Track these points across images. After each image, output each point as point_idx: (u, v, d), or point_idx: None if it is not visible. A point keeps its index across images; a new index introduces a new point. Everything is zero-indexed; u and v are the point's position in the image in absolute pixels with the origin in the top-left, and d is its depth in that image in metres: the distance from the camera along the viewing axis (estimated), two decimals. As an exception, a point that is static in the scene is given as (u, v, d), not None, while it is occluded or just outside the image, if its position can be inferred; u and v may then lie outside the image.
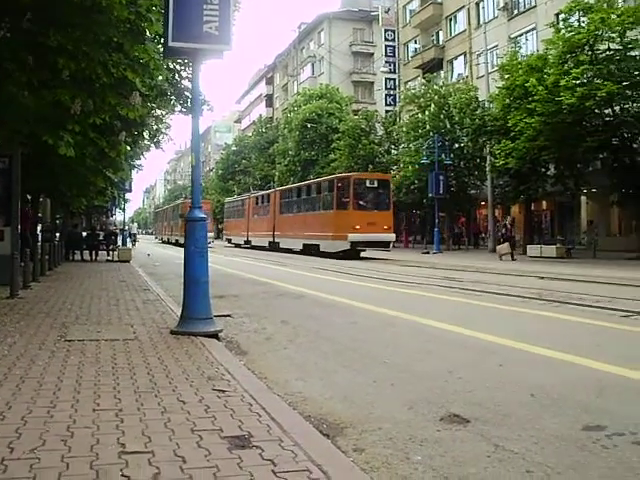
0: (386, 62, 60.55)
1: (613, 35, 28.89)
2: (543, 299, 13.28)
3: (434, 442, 4.52)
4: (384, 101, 61.46)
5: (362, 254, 34.78)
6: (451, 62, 53.77)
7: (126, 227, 57.90)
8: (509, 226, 34.21)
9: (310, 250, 36.66)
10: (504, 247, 31.69)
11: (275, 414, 4.67)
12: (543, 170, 34.70)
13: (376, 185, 35.00)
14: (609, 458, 4.20)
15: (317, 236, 35.93)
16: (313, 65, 79.04)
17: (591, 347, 8.09)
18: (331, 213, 34.82)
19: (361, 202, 33.93)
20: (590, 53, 29.23)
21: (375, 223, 32.97)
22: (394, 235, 36.08)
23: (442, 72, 53.16)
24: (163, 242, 74.19)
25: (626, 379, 6.39)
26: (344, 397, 5.83)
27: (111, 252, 31.03)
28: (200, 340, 7.86)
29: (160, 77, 14.61)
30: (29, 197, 23.82)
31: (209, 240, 9.82)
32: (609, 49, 29.26)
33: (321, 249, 35.21)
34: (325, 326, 10.22)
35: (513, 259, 30.64)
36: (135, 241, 61.73)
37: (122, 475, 3.46)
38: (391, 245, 35.77)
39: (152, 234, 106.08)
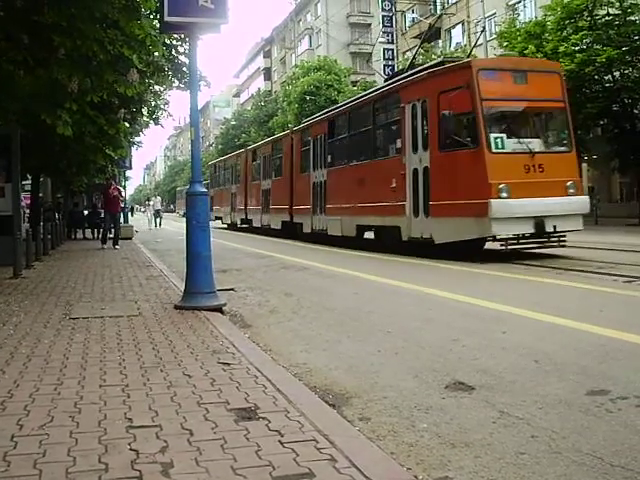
0: (383, 32, 60.10)
1: (612, 0, 28.65)
2: (546, 266, 13.28)
3: (439, 410, 4.55)
4: (382, 71, 61.08)
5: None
6: (449, 31, 53.40)
7: (150, 201, 53.49)
8: None
9: None
10: None
11: (281, 386, 4.69)
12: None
13: None
14: (613, 422, 4.22)
15: None
16: (310, 37, 78.52)
17: (594, 313, 8.11)
18: None
19: None
20: (589, 19, 29.00)
21: None
22: None
23: (440, 41, 52.79)
24: (243, 227, 37.26)
25: (630, 344, 6.41)
26: (349, 367, 5.86)
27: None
28: (204, 314, 7.88)
29: (157, 53, 14.52)
30: (29, 177, 23.80)
31: None
32: (608, 14, 29.02)
33: None
34: (328, 297, 10.24)
35: None
36: (159, 219, 47.94)
37: (130, 449, 3.48)
38: None
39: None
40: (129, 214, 43.82)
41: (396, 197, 17.87)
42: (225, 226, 41.50)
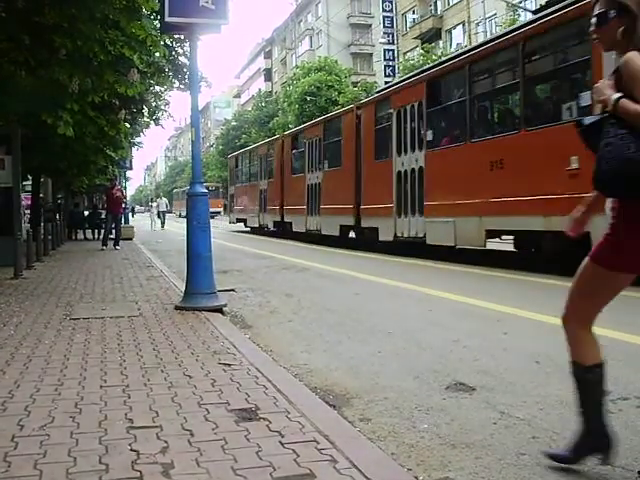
0: (384, 33, 60.13)
1: None
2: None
3: (440, 410, 4.54)
4: (383, 72, 61.07)
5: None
6: (449, 32, 53.42)
7: (154, 202, 52.46)
8: None
9: None
10: None
11: (281, 386, 4.68)
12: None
13: None
14: (614, 422, 4.20)
15: None
16: (311, 38, 78.53)
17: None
18: None
19: None
20: (590, 18, 28.99)
21: None
22: None
23: (441, 42, 52.85)
24: None
25: (630, 345, 6.42)
26: (349, 368, 5.86)
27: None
28: (205, 315, 7.88)
29: (157, 54, 14.57)
30: (30, 177, 23.81)
31: None
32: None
33: None
34: (329, 298, 10.25)
35: None
36: (162, 221, 46.09)
37: (131, 450, 3.47)
38: None
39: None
40: (130, 215, 43.75)
41: (577, 185, 10.97)
42: (249, 229, 36.44)
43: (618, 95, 3.05)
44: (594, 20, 3.30)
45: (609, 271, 3.28)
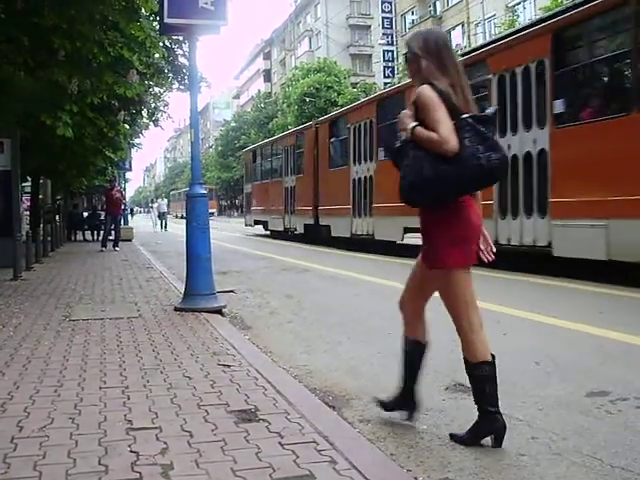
0: (383, 34, 60.16)
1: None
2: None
3: (439, 411, 4.54)
4: (382, 73, 61.11)
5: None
6: (449, 32, 53.37)
7: (154, 204, 52.30)
8: None
9: None
10: None
11: (281, 387, 4.68)
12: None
13: None
14: (613, 423, 4.22)
15: None
16: (310, 39, 78.56)
17: (594, 314, 8.10)
18: None
19: None
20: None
21: None
22: None
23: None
24: None
25: (629, 345, 6.41)
26: (349, 369, 5.86)
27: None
28: (204, 316, 7.88)
29: (157, 55, 14.57)
30: (29, 178, 23.80)
31: None
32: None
33: None
34: (329, 299, 10.24)
35: None
36: (164, 222, 44.95)
37: (130, 451, 3.47)
38: None
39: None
40: (129, 216, 43.71)
41: None
42: (268, 233, 32.57)
43: (414, 124, 3.71)
44: (405, 56, 4.08)
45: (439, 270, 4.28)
